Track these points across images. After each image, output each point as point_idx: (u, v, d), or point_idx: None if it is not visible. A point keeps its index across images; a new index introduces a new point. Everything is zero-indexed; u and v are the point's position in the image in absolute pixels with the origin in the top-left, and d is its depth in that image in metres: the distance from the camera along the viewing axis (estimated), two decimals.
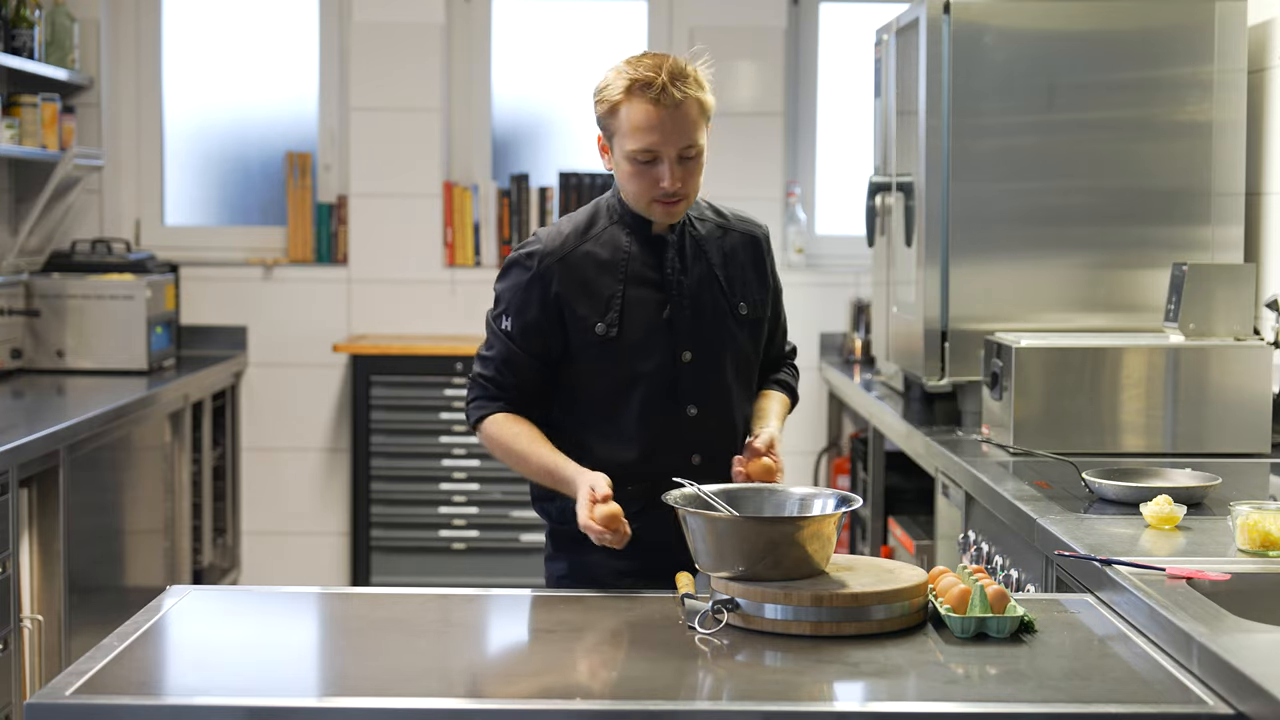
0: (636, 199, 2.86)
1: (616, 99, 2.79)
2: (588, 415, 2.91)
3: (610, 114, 2.81)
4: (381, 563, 5.94)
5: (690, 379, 2.90)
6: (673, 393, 2.89)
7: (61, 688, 2.05)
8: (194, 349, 6.12)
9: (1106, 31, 4.20)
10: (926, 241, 4.26)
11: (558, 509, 2.94)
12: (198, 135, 6.35)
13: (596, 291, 2.87)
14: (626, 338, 2.87)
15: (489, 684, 2.20)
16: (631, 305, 2.88)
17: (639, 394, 2.88)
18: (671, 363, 2.89)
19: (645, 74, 2.77)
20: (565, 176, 6.23)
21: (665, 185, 2.80)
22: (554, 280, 2.87)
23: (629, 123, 2.78)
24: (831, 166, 6.38)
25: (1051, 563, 2.84)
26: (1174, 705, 2.02)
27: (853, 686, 2.16)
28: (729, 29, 6.15)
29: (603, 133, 2.86)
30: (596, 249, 2.89)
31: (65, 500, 4.26)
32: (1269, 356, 3.72)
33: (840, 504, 2.53)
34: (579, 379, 2.91)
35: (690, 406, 2.90)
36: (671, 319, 2.89)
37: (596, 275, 2.88)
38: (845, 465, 5.99)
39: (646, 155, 2.79)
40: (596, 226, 2.92)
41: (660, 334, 2.88)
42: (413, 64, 6.16)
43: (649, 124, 2.77)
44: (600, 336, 2.86)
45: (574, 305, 2.86)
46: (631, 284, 2.89)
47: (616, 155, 2.84)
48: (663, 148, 2.78)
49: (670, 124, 2.77)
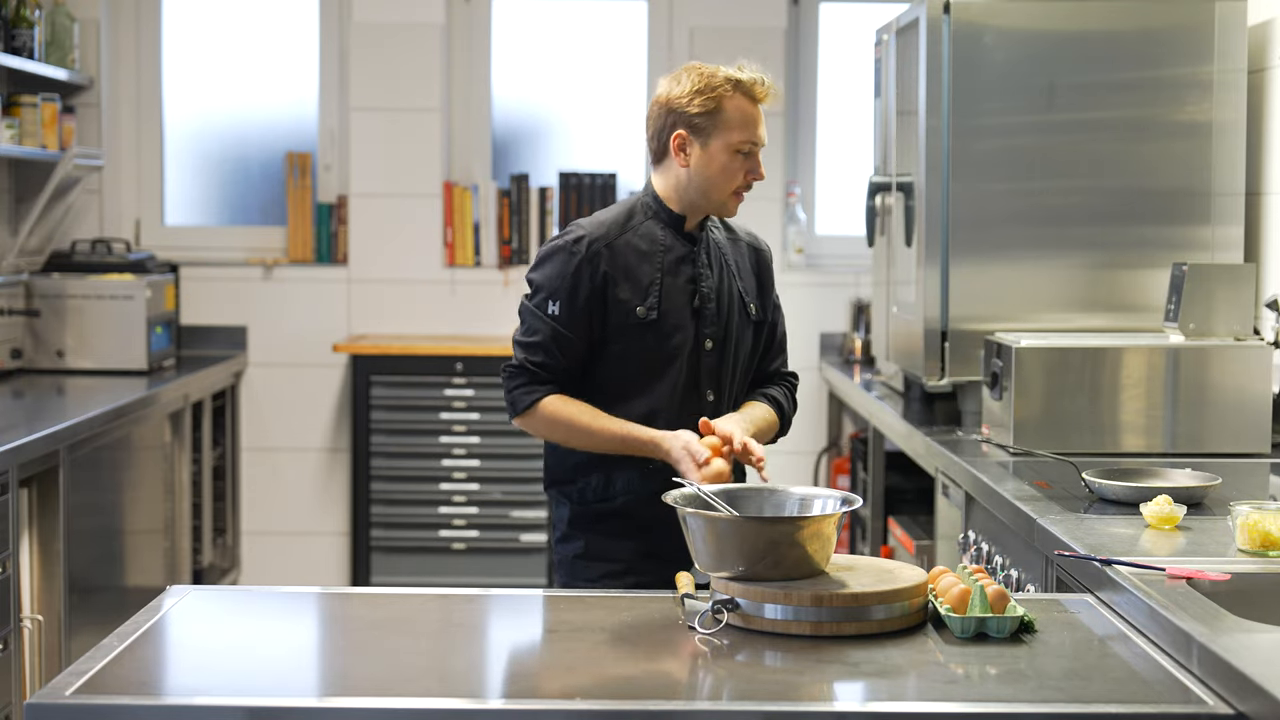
0: (723, 188, 3.09)
1: (724, 94, 3.06)
2: (614, 398, 3.08)
3: (714, 109, 3.06)
4: (381, 563, 5.94)
5: (710, 366, 3.12)
6: (695, 378, 3.10)
7: (61, 688, 2.05)
8: (194, 349, 6.12)
9: (1106, 31, 4.20)
10: (926, 241, 4.26)
11: (579, 490, 3.13)
12: (198, 135, 6.36)
13: (638, 277, 3.08)
14: (664, 321, 3.08)
15: (489, 684, 2.20)
16: (668, 292, 3.09)
17: (668, 377, 3.09)
18: (695, 349, 3.10)
19: (745, 76, 3.07)
20: (565, 176, 6.23)
21: (759, 174, 3.09)
22: (601, 262, 3.07)
23: (736, 116, 3.05)
24: (831, 166, 6.38)
25: (1051, 563, 2.84)
26: (1174, 705, 2.02)
27: (853, 686, 2.16)
28: (729, 29, 6.15)
29: (689, 129, 3.08)
30: (636, 239, 3.12)
31: (65, 500, 4.26)
32: (1269, 356, 3.72)
33: (840, 504, 2.53)
34: (609, 363, 3.09)
35: (709, 392, 3.11)
36: (700, 308, 3.10)
37: (638, 262, 3.09)
38: (845, 465, 5.99)
39: (749, 147, 3.06)
40: (634, 219, 3.14)
41: (689, 321, 3.10)
42: (413, 64, 6.16)
43: (752, 118, 3.07)
44: (640, 319, 3.06)
45: (618, 288, 3.07)
46: (668, 273, 3.11)
47: (714, 150, 3.06)
48: (759, 142, 3.09)
49: (763, 122, 3.10)
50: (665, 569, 2.91)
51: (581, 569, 3.13)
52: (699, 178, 3.09)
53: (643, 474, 3.07)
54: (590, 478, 3.11)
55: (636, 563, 3.09)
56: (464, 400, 5.91)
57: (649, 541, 3.07)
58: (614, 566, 3.10)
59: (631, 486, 3.09)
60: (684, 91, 3.08)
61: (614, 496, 3.11)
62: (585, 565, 3.13)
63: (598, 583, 3.10)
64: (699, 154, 3.07)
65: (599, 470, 3.10)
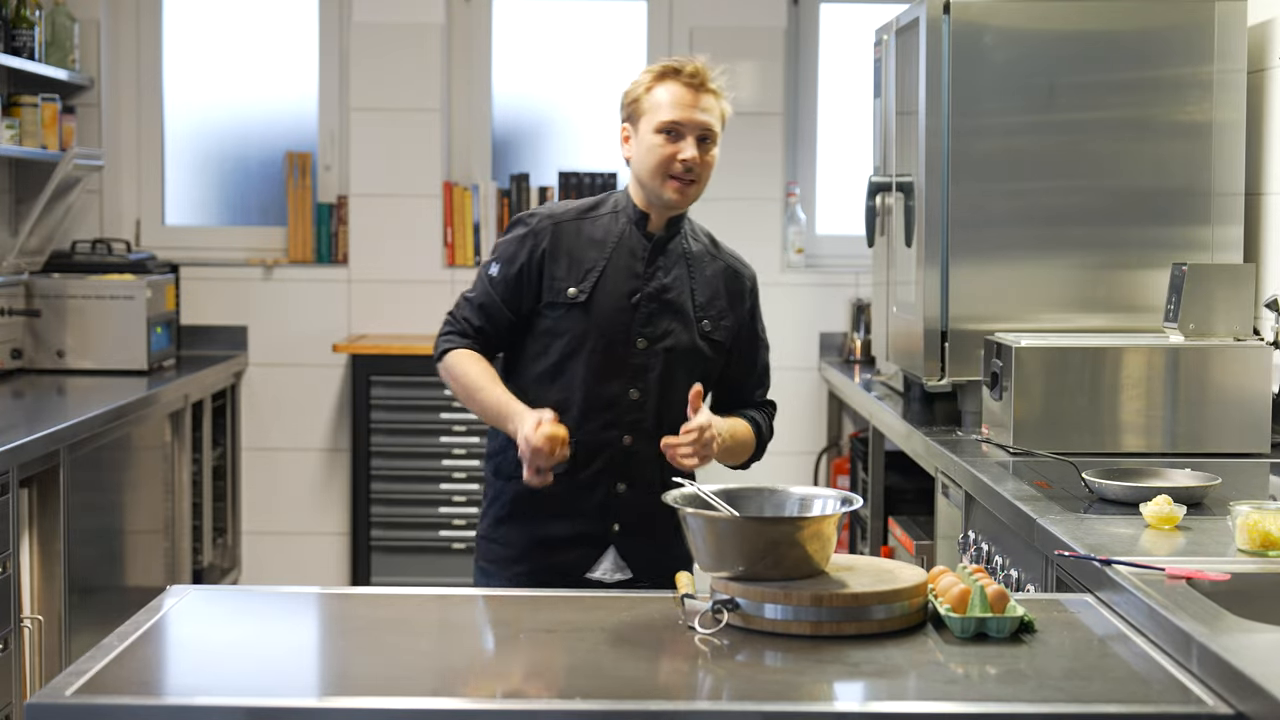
0: (653, 174, 3.09)
1: (649, 83, 3.09)
2: (535, 374, 3.13)
3: (640, 98, 3.10)
4: (381, 563, 5.94)
5: (639, 365, 3.11)
6: (619, 371, 3.10)
7: (61, 688, 2.05)
8: (194, 349, 6.12)
9: (1106, 31, 4.20)
10: (926, 241, 4.26)
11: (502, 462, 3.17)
12: (198, 135, 6.36)
13: (579, 260, 3.12)
14: (592, 307, 3.09)
15: (488, 684, 2.20)
16: (607, 281, 3.11)
17: (589, 362, 3.10)
18: (625, 343, 3.10)
19: (677, 63, 3.09)
20: (565, 176, 6.23)
21: (685, 157, 3.05)
22: (545, 238, 3.12)
23: (660, 100, 3.07)
24: (831, 166, 6.38)
25: (1051, 563, 2.84)
26: (1174, 705, 2.02)
27: (853, 686, 2.16)
28: (729, 29, 6.15)
29: (628, 122, 3.14)
30: (592, 227, 3.15)
31: (65, 500, 4.26)
32: (1269, 356, 3.72)
33: (840, 504, 2.53)
34: (536, 338, 3.14)
35: (633, 390, 3.11)
36: (637, 305, 3.11)
37: (585, 247, 3.13)
38: (845, 465, 5.99)
39: (672, 126, 3.05)
40: (600, 210, 3.18)
41: (623, 315, 3.11)
42: (413, 64, 6.16)
43: (678, 100, 3.06)
44: (569, 300, 3.09)
45: (555, 265, 3.11)
46: (614, 264, 3.12)
47: (642, 133, 3.09)
48: (687, 124, 3.06)
49: (695, 104, 3.06)
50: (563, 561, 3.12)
51: (484, 548, 3.21)
52: (636, 165, 3.13)
53: None
54: (510, 450, 3.10)
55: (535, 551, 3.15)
56: None
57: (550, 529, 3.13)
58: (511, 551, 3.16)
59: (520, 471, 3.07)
60: (627, 88, 3.15)
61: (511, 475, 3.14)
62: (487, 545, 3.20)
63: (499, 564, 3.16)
64: (635, 142, 3.13)
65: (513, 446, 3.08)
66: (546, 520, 3.14)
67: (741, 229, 6.15)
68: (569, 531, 3.13)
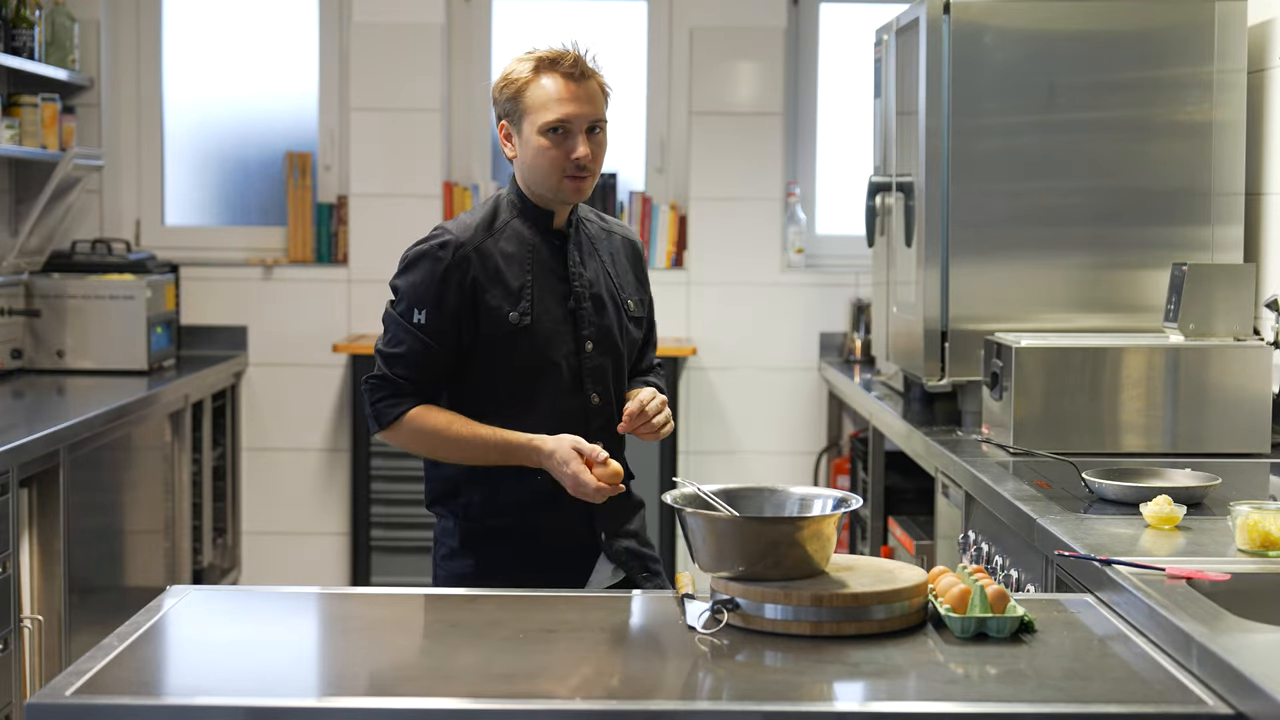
0: (547, 175, 2.93)
1: (525, 78, 2.92)
2: (494, 406, 2.95)
3: (519, 95, 2.92)
4: (381, 563, 5.94)
5: (593, 368, 2.99)
6: (578, 380, 2.98)
7: (61, 688, 2.05)
8: (194, 349, 6.12)
9: (1106, 31, 4.20)
10: (926, 241, 4.26)
11: (463, 506, 2.99)
12: (198, 135, 6.36)
13: (507, 282, 2.94)
14: (538, 327, 2.94)
15: (489, 684, 2.20)
16: (540, 295, 2.96)
17: (549, 382, 2.96)
18: (576, 351, 2.98)
19: (552, 53, 2.92)
20: None
21: (578, 155, 2.89)
22: (470, 268, 2.93)
23: (542, 97, 2.89)
24: (831, 166, 6.38)
25: (1051, 563, 2.84)
26: (1174, 705, 2.02)
27: (853, 686, 2.16)
28: (729, 29, 6.15)
29: (506, 119, 2.96)
30: (504, 242, 2.98)
31: (65, 500, 4.26)
32: (1269, 356, 3.72)
33: (840, 504, 2.53)
34: (485, 370, 2.96)
35: (593, 394, 2.99)
36: (575, 310, 2.98)
37: (506, 266, 2.95)
38: (845, 465, 5.99)
39: (560, 125, 2.89)
40: (500, 219, 3.00)
41: (566, 324, 2.98)
42: (413, 64, 6.16)
43: (561, 96, 2.89)
44: (514, 325, 2.92)
45: (488, 294, 2.93)
46: (538, 275, 2.97)
47: (526, 134, 2.92)
48: (575, 118, 2.89)
49: (580, 96, 2.90)
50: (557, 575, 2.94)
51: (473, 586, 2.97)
52: (525, 167, 2.95)
53: (532, 485, 2.93)
54: (472, 493, 2.97)
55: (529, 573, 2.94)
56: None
57: (544, 558, 2.97)
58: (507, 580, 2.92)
59: (521, 501, 2.95)
60: (498, 80, 2.96)
61: (502, 512, 2.97)
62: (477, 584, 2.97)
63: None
64: (519, 142, 2.94)
65: (484, 483, 2.96)
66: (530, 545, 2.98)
67: (741, 229, 6.16)
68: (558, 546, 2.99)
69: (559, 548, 3.00)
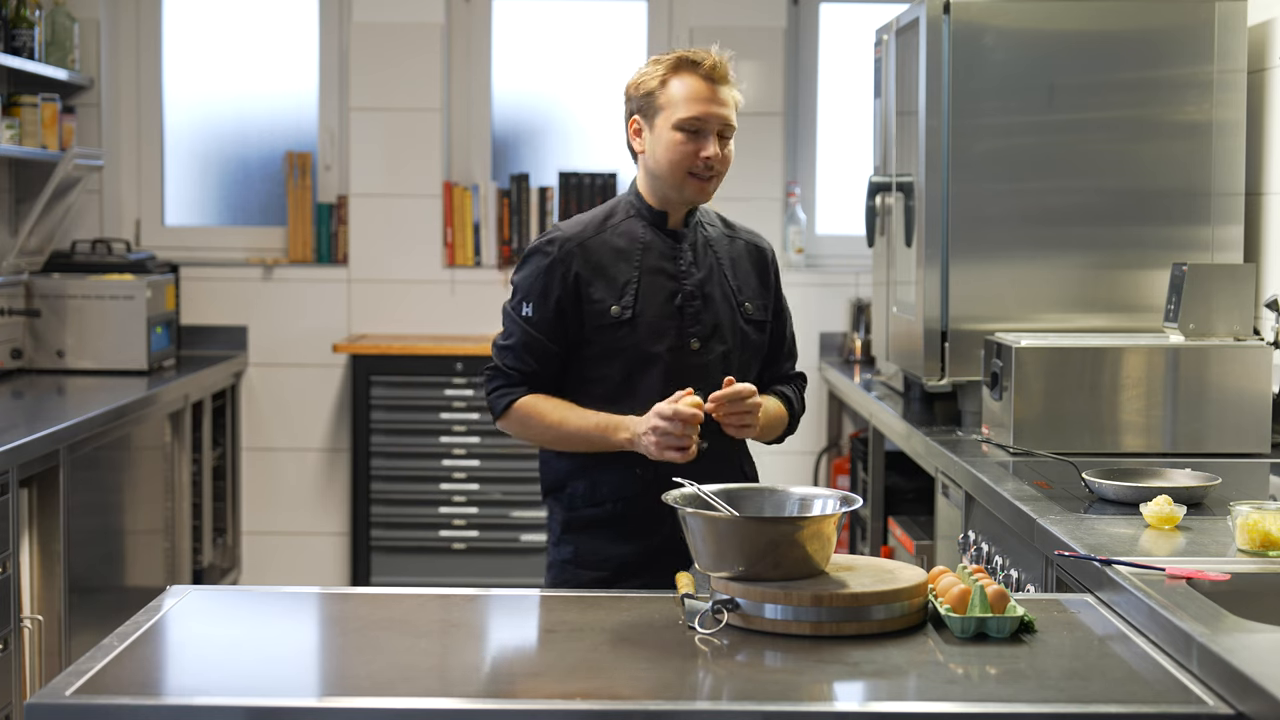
0: (674, 170, 3.00)
1: (664, 75, 2.99)
2: (599, 400, 3.03)
3: (656, 91, 2.99)
4: (381, 563, 5.94)
5: (698, 365, 3.03)
6: (682, 377, 3.01)
7: (61, 688, 2.05)
8: (194, 349, 6.13)
9: (1106, 31, 4.20)
10: (926, 241, 4.26)
11: (568, 496, 3.09)
12: (198, 135, 6.36)
13: (613, 276, 3.02)
14: (641, 320, 3.01)
15: (489, 684, 2.20)
16: (646, 290, 3.02)
17: (652, 377, 3.01)
18: (681, 348, 3.03)
19: (694, 54, 2.98)
20: (565, 176, 6.23)
21: (708, 154, 2.96)
22: (574, 263, 3.01)
23: (680, 94, 2.97)
24: (831, 166, 6.38)
25: (1051, 563, 2.84)
26: (1174, 705, 2.02)
27: (853, 686, 2.16)
28: (729, 29, 6.14)
29: (639, 114, 3.03)
30: (614, 238, 3.05)
31: (65, 500, 4.26)
32: (1269, 356, 3.72)
33: (840, 504, 2.53)
34: (591, 364, 3.04)
35: (698, 393, 2.97)
36: (682, 306, 3.03)
37: (614, 261, 3.03)
38: (845, 465, 5.99)
39: (695, 124, 2.96)
40: (615, 218, 3.08)
41: (672, 320, 3.03)
42: (413, 64, 6.16)
43: (699, 95, 2.96)
44: (615, 319, 3.00)
45: (591, 288, 3.01)
46: (647, 271, 3.03)
47: (659, 129, 2.99)
48: (709, 119, 2.96)
49: (716, 98, 2.97)
50: (656, 575, 2.95)
51: (572, 574, 3.09)
52: (653, 162, 3.02)
53: (629, 478, 3.02)
54: (578, 483, 3.07)
55: (626, 568, 3.04)
56: (464, 400, 5.91)
57: (639, 546, 3.04)
58: (602, 574, 3.06)
59: (619, 490, 3.04)
60: (635, 78, 3.04)
61: (602, 501, 3.06)
62: (576, 571, 3.09)
63: (587, 589, 3.04)
64: (650, 137, 3.02)
65: (586, 475, 3.05)
66: (630, 539, 3.04)
67: None
68: (656, 546, 3.02)
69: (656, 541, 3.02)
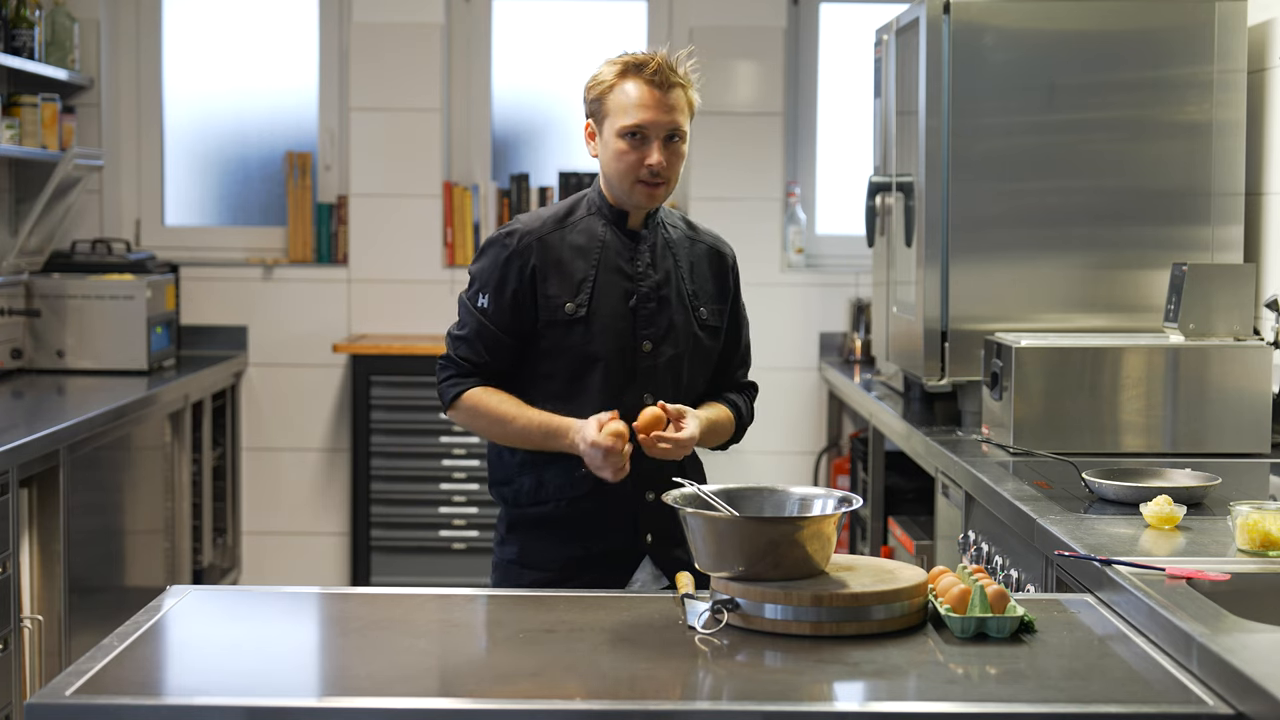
0: (621, 178, 2.98)
1: (610, 80, 2.98)
2: (546, 395, 3.02)
3: (603, 95, 2.99)
4: (381, 563, 5.94)
5: (648, 367, 3.02)
6: (631, 379, 3.01)
7: (61, 688, 2.05)
8: (194, 349, 6.13)
9: (1106, 31, 4.20)
10: (926, 241, 4.26)
11: (513, 492, 3.06)
12: (198, 135, 6.36)
13: (569, 273, 3.00)
14: (593, 319, 2.99)
15: (489, 684, 2.20)
16: (602, 289, 3.01)
17: (598, 376, 3.00)
18: (632, 350, 3.01)
19: (639, 58, 2.97)
20: (565, 176, 6.23)
21: (651, 162, 2.94)
22: (532, 256, 3.00)
23: (622, 101, 2.96)
24: (831, 166, 6.38)
25: (1051, 563, 2.84)
26: (1174, 705, 2.02)
27: (853, 686, 2.16)
28: (729, 29, 6.15)
29: (591, 118, 3.04)
30: (573, 235, 3.04)
31: (65, 500, 4.26)
32: (1269, 356, 3.72)
33: (840, 504, 2.53)
34: (541, 359, 3.03)
35: (646, 395, 3.02)
36: (636, 308, 3.02)
37: (571, 258, 3.01)
38: (845, 465, 5.99)
39: (637, 131, 2.94)
40: (575, 215, 3.07)
41: (624, 321, 3.01)
42: (413, 64, 6.16)
43: (641, 102, 2.94)
44: (569, 316, 2.99)
45: (547, 283, 3.00)
46: (604, 270, 3.02)
47: (605, 135, 2.99)
48: (652, 126, 2.94)
49: (660, 104, 2.94)
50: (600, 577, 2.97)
51: (515, 574, 3.06)
52: (604, 167, 3.02)
53: (573, 478, 2.99)
54: (523, 479, 3.04)
55: (570, 570, 3.01)
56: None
57: (584, 549, 3.02)
58: (546, 574, 3.02)
59: (564, 490, 3.01)
60: (589, 80, 3.05)
61: (545, 500, 3.03)
62: (519, 571, 3.06)
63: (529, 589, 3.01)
64: (600, 141, 3.02)
65: (531, 472, 3.03)
66: (575, 540, 3.03)
67: (741, 229, 6.15)
68: (601, 548, 3.02)
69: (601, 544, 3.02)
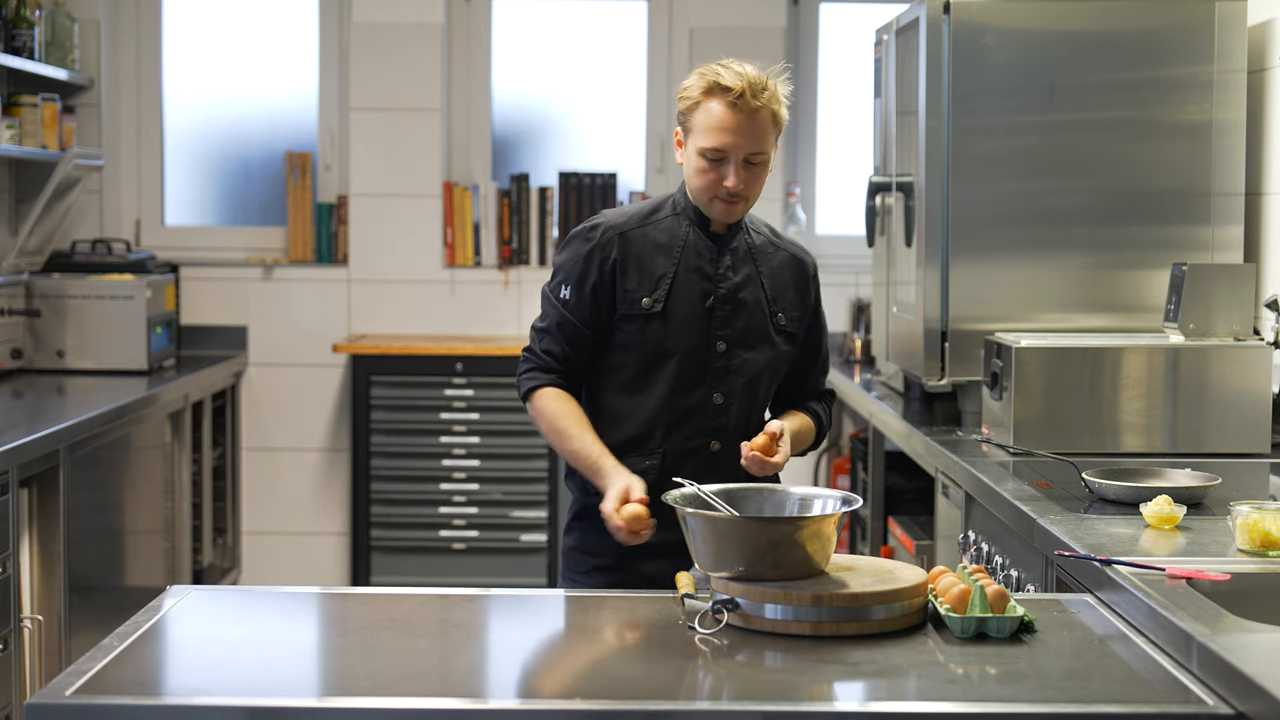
0: (700, 194, 3.04)
1: (696, 98, 2.99)
2: (616, 386, 3.07)
3: (689, 111, 3.00)
4: (381, 563, 5.94)
5: (721, 367, 3.05)
6: (702, 377, 3.05)
7: (61, 688, 2.05)
8: (194, 349, 6.13)
9: (1106, 31, 4.20)
10: (926, 241, 4.26)
11: (579, 480, 3.10)
12: (198, 135, 6.36)
13: (649, 269, 3.05)
14: (669, 316, 3.03)
15: (489, 684, 2.20)
16: (680, 287, 3.05)
17: (669, 371, 3.04)
18: (705, 348, 3.05)
19: (727, 79, 2.95)
20: (565, 176, 6.23)
21: (729, 184, 2.98)
22: (613, 250, 3.05)
23: (705, 121, 2.96)
24: (831, 166, 6.38)
25: (1051, 563, 2.84)
26: (1174, 705, 2.02)
27: (853, 686, 2.16)
28: (729, 29, 6.15)
29: (680, 127, 3.05)
30: (656, 233, 3.08)
31: (65, 500, 4.26)
32: (1269, 356, 3.72)
33: (840, 504, 2.53)
34: (615, 351, 3.07)
35: (716, 394, 3.05)
36: (713, 308, 3.05)
37: (652, 254, 3.06)
38: (845, 465, 5.99)
39: (716, 154, 2.97)
40: (660, 213, 3.11)
41: (700, 320, 3.05)
42: (413, 64, 6.16)
43: (722, 125, 2.95)
44: (645, 310, 3.03)
45: (626, 277, 3.04)
46: (683, 269, 3.06)
47: (689, 150, 3.02)
48: (732, 150, 2.97)
49: (742, 128, 2.95)
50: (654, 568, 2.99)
51: (576, 560, 3.14)
52: (686, 176, 3.06)
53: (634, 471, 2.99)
54: None
55: (630, 559, 3.05)
56: (464, 400, 5.91)
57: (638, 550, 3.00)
58: (603, 560, 3.08)
59: None
60: (680, 88, 3.06)
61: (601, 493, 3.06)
62: (580, 556, 3.13)
63: (589, 575, 3.10)
64: (685, 153, 3.05)
65: None
66: None
67: None
68: (661, 539, 2.95)
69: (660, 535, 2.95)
